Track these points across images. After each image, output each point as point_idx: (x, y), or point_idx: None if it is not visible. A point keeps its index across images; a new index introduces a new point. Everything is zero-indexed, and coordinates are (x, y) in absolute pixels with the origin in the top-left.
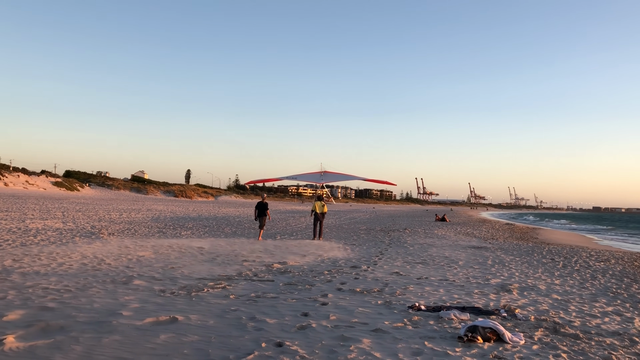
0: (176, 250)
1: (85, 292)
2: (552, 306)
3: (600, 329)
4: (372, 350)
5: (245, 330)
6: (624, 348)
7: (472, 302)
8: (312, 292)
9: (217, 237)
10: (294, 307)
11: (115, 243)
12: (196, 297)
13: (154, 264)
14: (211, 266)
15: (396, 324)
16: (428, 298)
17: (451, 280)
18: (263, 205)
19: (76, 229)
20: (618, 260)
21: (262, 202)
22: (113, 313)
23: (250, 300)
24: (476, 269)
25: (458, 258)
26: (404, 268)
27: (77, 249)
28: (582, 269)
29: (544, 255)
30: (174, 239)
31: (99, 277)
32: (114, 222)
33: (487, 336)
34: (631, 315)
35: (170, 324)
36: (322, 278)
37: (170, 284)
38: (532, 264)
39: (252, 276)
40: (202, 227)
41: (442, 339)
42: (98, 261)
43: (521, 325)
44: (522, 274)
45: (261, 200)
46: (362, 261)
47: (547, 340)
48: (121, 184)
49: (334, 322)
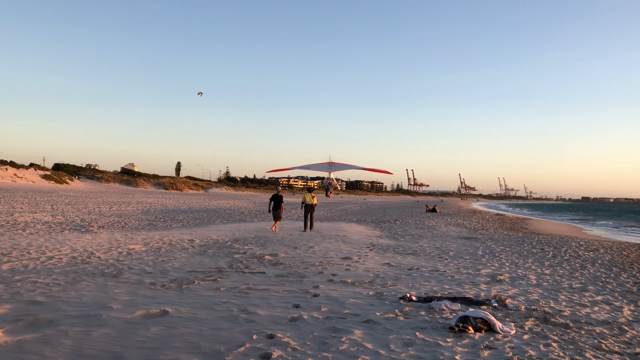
0: (167, 243)
1: (74, 285)
2: (543, 296)
3: (590, 318)
4: (364, 342)
5: (236, 323)
6: (613, 337)
7: (463, 293)
8: (303, 283)
9: (208, 229)
10: (285, 299)
11: (105, 236)
12: (187, 289)
13: (145, 256)
14: (202, 258)
15: (387, 314)
16: (419, 289)
17: (442, 271)
18: (278, 198)
19: (65, 222)
20: (607, 249)
21: (277, 195)
22: (103, 306)
23: (241, 293)
24: (467, 259)
25: (449, 249)
26: (395, 259)
27: (66, 243)
28: (571, 259)
29: (534, 245)
30: (164, 231)
31: (89, 270)
32: (103, 215)
33: (478, 326)
34: (620, 304)
35: (160, 317)
36: (314, 269)
37: (160, 277)
38: (522, 254)
39: (243, 268)
40: (193, 219)
41: (433, 329)
42: (88, 254)
43: (512, 315)
44: (513, 264)
45: (276, 193)
46: (353, 252)
47: (537, 329)
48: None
49: (325, 313)
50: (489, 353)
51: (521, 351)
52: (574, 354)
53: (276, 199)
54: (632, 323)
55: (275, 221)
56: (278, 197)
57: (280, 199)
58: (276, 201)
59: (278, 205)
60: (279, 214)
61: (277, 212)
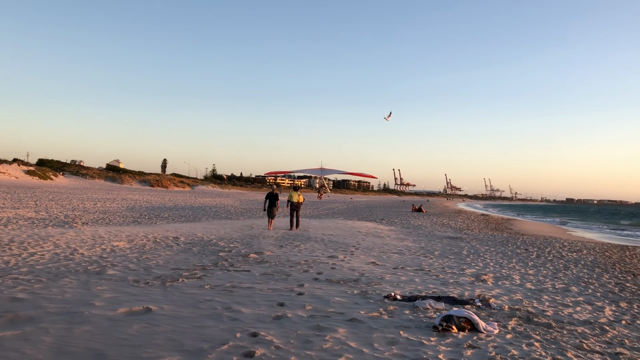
0: (151, 240)
1: (57, 282)
2: (526, 296)
3: (572, 318)
4: (348, 340)
5: (220, 321)
6: (594, 336)
7: (447, 292)
8: (288, 282)
9: (194, 227)
10: (269, 297)
11: (89, 233)
12: (171, 287)
13: (129, 253)
14: (187, 256)
15: (372, 313)
16: (404, 288)
17: (427, 270)
18: (274, 196)
19: (49, 219)
20: (590, 250)
21: (272, 193)
22: (85, 303)
23: (225, 291)
24: (451, 259)
25: (434, 248)
26: (381, 258)
27: (49, 239)
28: (555, 260)
29: (518, 245)
30: (149, 228)
31: (72, 267)
32: (88, 212)
33: (461, 325)
34: (602, 304)
35: (143, 314)
36: (299, 268)
37: (144, 274)
38: (506, 255)
39: (228, 266)
40: (178, 216)
41: (417, 328)
42: (71, 251)
43: (495, 315)
44: (497, 264)
45: (271, 191)
46: (339, 251)
47: (520, 329)
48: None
49: (309, 312)
50: (472, 352)
51: (504, 350)
52: (556, 354)
53: (272, 197)
54: (613, 323)
55: (271, 219)
56: (274, 195)
57: (276, 197)
58: (272, 199)
59: (273, 204)
60: (274, 212)
61: (273, 210)
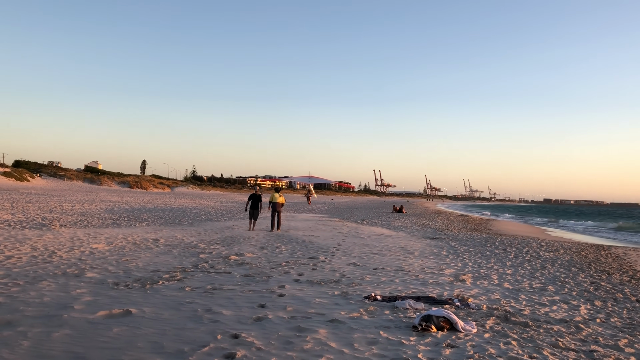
0: (131, 242)
1: (34, 285)
2: (504, 295)
3: (549, 317)
4: (328, 341)
5: (201, 323)
6: (570, 335)
7: (426, 292)
8: (269, 283)
9: (173, 229)
10: (250, 299)
11: (68, 235)
12: (151, 289)
13: (108, 256)
14: (167, 258)
15: (352, 314)
16: (384, 288)
17: (407, 271)
18: (257, 197)
19: (26, 221)
20: (566, 250)
21: (255, 195)
22: (64, 306)
23: (206, 293)
24: (431, 259)
25: (414, 248)
26: (361, 259)
27: (26, 241)
28: (532, 259)
29: (497, 245)
30: (128, 230)
31: (50, 270)
32: (66, 214)
33: (440, 325)
34: (577, 303)
35: (123, 317)
36: (280, 269)
37: (124, 277)
38: (485, 255)
39: (209, 268)
40: (158, 218)
41: (397, 328)
42: (49, 253)
43: (474, 314)
44: (476, 264)
45: (254, 192)
46: (320, 252)
47: (498, 328)
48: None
49: (290, 313)
50: (450, 351)
51: (482, 349)
52: (532, 352)
53: (255, 198)
54: (588, 321)
55: (253, 220)
56: (257, 196)
57: (259, 198)
58: (255, 201)
59: (256, 205)
60: (257, 214)
61: (256, 211)
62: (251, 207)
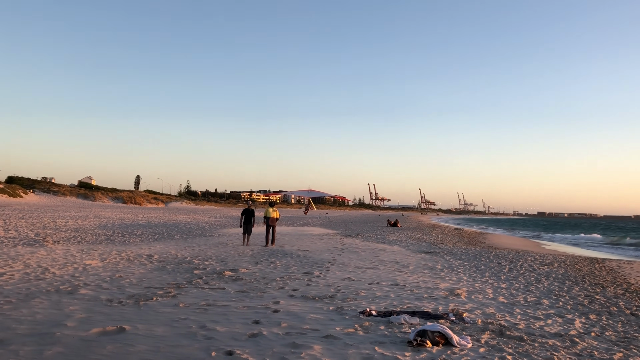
0: (124, 258)
1: (27, 302)
2: (499, 309)
3: (544, 331)
4: (323, 357)
5: (195, 339)
6: (565, 349)
7: (421, 307)
8: (263, 299)
9: (167, 245)
10: (245, 315)
11: (61, 251)
12: (144, 306)
13: (101, 272)
14: (161, 274)
15: (347, 329)
16: (379, 303)
17: (402, 285)
18: (250, 212)
19: (19, 237)
20: (561, 263)
21: (248, 209)
22: (57, 324)
23: (200, 309)
24: (426, 273)
25: (408, 263)
26: (356, 273)
27: (19, 258)
28: (527, 273)
29: (491, 259)
30: (122, 246)
31: (43, 287)
32: (59, 230)
33: (435, 340)
34: (572, 316)
35: (117, 334)
36: (275, 285)
37: (117, 293)
38: (479, 268)
39: (203, 284)
40: (152, 234)
41: (392, 343)
42: (42, 270)
43: (469, 329)
44: (470, 278)
45: (247, 207)
46: (315, 267)
47: (493, 343)
48: (67, 190)
49: (285, 329)
50: None
51: None
52: None
53: (248, 213)
54: (582, 335)
55: (247, 235)
56: (249, 211)
57: (252, 213)
58: (247, 215)
59: (249, 220)
60: (251, 229)
61: (249, 226)
62: (244, 222)
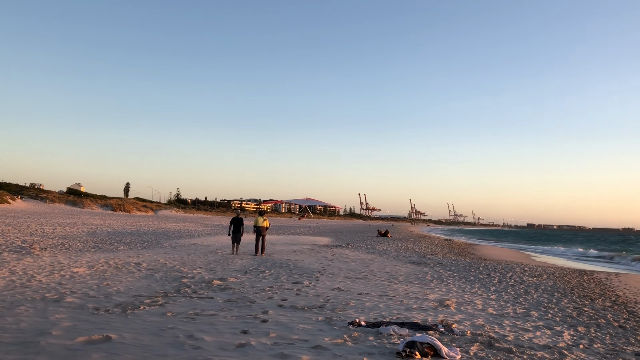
0: (112, 266)
1: (12, 310)
2: (488, 321)
3: (532, 343)
4: None
5: (182, 349)
6: None
7: (411, 318)
8: (252, 309)
9: (156, 253)
10: (233, 325)
11: (48, 258)
12: (132, 314)
13: (89, 280)
14: (148, 282)
15: (336, 340)
16: (368, 314)
17: (391, 296)
18: (238, 221)
19: (5, 244)
20: (550, 275)
21: (237, 218)
22: (42, 332)
23: (188, 318)
24: (415, 284)
25: (398, 273)
26: (346, 284)
27: (5, 265)
28: (516, 284)
29: (481, 270)
30: (110, 254)
31: (28, 294)
32: (47, 237)
33: (424, 351)
34: (561, 328)
35: (103, 343)
36: (263, 294)
37: (104, 301)
38: (469, 280)
39: (191, 293)
40: (141, 242)
41: (381, 354)
42: (28, 278)
43: (458, 340)
44: (460, 290)
45: (236, 216)
46: (304, 277)
47: (482, 354)
48: (56, 196)
49: (273, 339)
50: None
51: None
52: None
53: (236, 222)
54: (571, 347)
55: (236, 244)
56: (238, 219)
57: (240, 221)
58: (236, 224)
59: (238, 229)
60: (240, 237)
61: (238, 235)
62: (233, 230)
